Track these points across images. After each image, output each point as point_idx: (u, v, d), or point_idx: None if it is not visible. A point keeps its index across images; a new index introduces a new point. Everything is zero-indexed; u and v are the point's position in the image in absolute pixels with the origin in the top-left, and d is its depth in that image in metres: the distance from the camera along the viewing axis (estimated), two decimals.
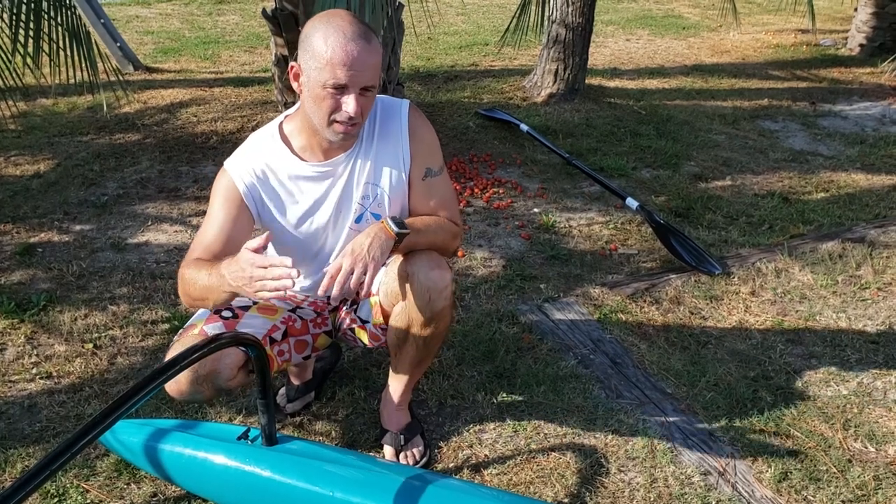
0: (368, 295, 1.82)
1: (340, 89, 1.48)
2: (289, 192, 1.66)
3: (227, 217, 1.61)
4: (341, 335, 1.94)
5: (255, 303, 1.77)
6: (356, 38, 1.47)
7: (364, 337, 1.85)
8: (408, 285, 1.66)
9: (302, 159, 1.64)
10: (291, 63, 1.55)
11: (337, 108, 1.51)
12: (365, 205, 1.69)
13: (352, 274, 1.51)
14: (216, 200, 1.63)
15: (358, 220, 1.69)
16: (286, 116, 1.69)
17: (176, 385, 1.56)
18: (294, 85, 1.56)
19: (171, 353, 1.58)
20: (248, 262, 1.34)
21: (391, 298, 1.73)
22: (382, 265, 1.83)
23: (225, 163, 1.66)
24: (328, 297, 1.87)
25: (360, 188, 1.67)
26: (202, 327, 1.65)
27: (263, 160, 1.64)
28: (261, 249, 1.35)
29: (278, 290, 1.30)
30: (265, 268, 1.31)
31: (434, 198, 1.73)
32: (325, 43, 1.46)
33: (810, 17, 4.63)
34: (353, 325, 1.87)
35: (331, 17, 1.50)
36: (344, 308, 1.91)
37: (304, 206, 1.67)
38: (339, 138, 1.56)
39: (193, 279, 1.49)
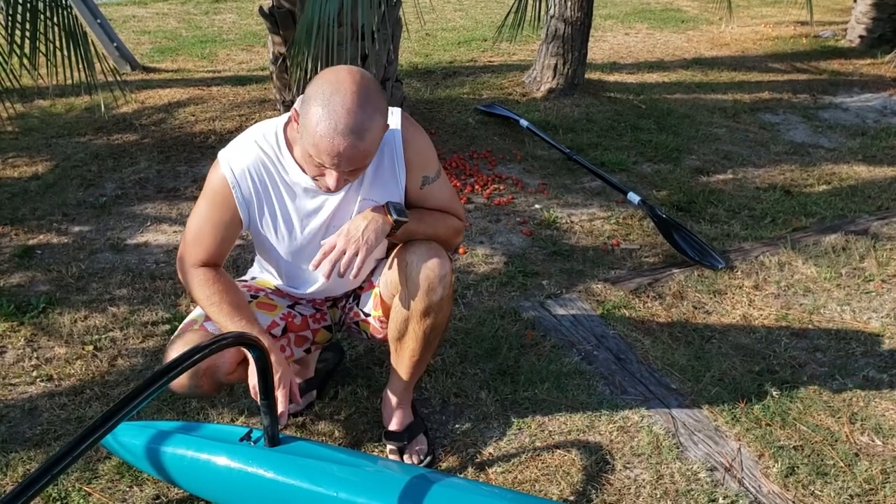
0: (371, 286, 1.81)
1: (324, 166, 1.47)
2: (282, 198, 1.63)
3: (219, 220, 1.62)
4: (346, 329, 1.94)
5: (254, 297, 1.77)
6: (347, 133, 1.39)
7: (369, 329, 1.84)
8: (405, 275, 1.64)
9: (303, 169, 1.60)
10: (294, 108, 1.51)
11: (321, 174, 1.51)
12: None
13: (343, 254, 1.54)
14: (207, 198, 1.61)
15: None
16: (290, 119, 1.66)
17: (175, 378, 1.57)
18: (293, 125, 1.55)
19: (172, 349, 1.59)
20: (288, 378, 1.66)
21: (391, 289, 1.71)
22: (382, 257, 1.82)
23: (220, 155, 1.60)
24: (325, 297, 1.86)
25: (355, 205, 1.65)
26: (202, 323, 1.65)
27: (262, 161, 1.59)
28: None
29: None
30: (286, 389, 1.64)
31: (434, 203, 1.72)
32: (317, 124, 1.39)
33: (809, 10, 4.60)
34: (357, 319, 1.86)
35: (334, 93, 1.40)
36: (344, 302, 1.90)
37: (295, 215, 1.65)
38: (321, 191, 1.58)
39: (206, 301, 1.62)
